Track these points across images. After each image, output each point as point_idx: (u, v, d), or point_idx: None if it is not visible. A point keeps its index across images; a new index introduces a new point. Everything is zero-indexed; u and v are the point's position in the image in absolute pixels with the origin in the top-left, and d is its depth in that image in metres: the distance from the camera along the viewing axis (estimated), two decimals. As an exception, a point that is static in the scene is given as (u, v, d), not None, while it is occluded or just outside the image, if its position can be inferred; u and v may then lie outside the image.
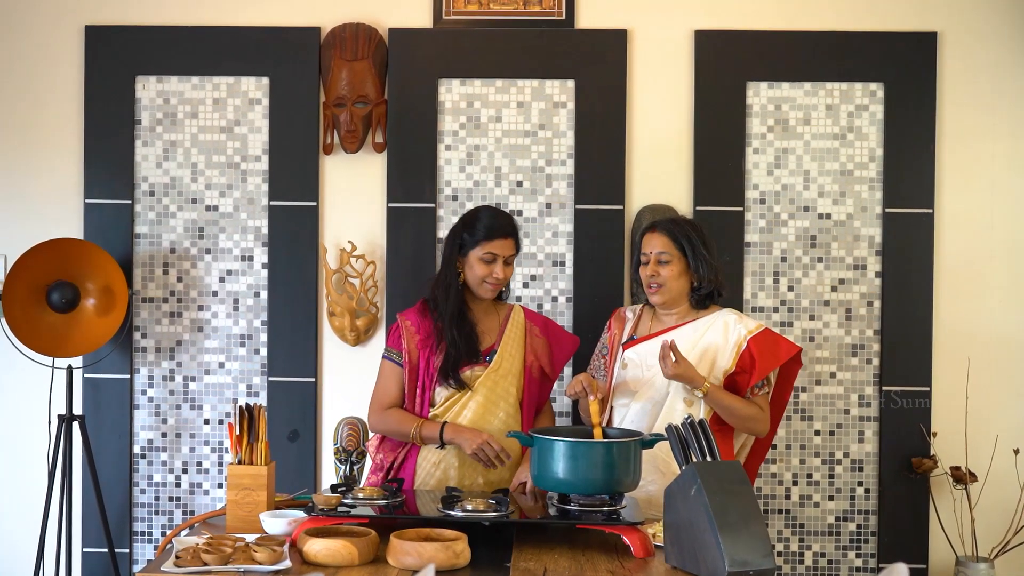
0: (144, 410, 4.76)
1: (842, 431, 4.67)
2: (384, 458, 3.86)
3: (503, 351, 3.83)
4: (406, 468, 3.82)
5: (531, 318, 3.97)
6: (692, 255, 3.75)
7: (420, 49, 4.70)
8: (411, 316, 3.86)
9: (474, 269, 3.77)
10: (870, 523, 4.67)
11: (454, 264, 3.81)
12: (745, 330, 3.72)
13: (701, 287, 3.77)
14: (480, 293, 3.81)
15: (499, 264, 3.77)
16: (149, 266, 4.75)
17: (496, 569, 3.00)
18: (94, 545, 4.71)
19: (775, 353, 3.71)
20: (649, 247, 3.80)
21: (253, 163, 4.74)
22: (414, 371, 3.81)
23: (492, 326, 3.88)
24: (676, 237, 3.77)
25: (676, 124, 4.71)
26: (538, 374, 3.91)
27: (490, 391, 3.79)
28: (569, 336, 4.03)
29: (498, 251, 3.76)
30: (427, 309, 3.85)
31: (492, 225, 3.77)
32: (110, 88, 4.73)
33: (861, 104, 4.67)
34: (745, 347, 3.69)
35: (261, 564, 2.94)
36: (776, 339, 3.76)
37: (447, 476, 3.77)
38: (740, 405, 3.67)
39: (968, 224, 4.68)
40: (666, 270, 3.76)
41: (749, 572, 2.86)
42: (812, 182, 4.67)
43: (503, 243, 3.77)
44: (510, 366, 3.84)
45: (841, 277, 4.67)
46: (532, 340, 3.91)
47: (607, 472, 3.25)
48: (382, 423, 3.83)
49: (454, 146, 4.71)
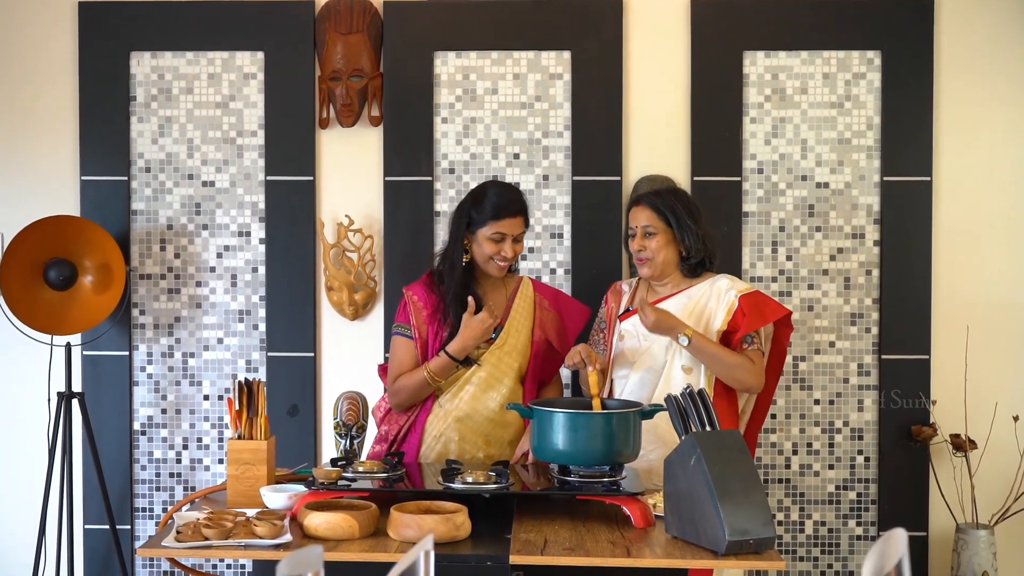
0: (143, 387, 4.76)
1: (841, 400, 4.67)
2: (389, 429, 3.85)
3: (509, 327, 3.82)
4: (410, 440, 3.81)
5: (540, 291, 3.94)
6: (677, 226, 3.76)
7: (415, 21, 4.67)
8: (417, 291, 3.83)
9: (482, 247, 3.74)
10: (870, 491, 4.68)
11: (461, 241, 3.77)
12: (736, 291, 3.73)
13: (690, 256, 3.77)
14: (489, 271, 3.79)
15: (508, 243, 3.73)
16: (146, 243, 4.75)
17: (496, 541, 3.00)
18: (95, 522, 4.72)
19: (762, 312, 3.71)
20: (635, 221, 3.81)
21: (249, 138, 4.72)
22: (424, 346, 3.79)
23: (500, 301, 3.85)
24: (660, 209, 3.78)
25: (673, 94, 4.69)
26: (544, 349, 3.89)
27: (494, 367, 3.79)
28: (580, 307, 3.99)
29: (507, 230, 3.72)
30: (433, 282, 3.83)
31: (500, 204, 3.72)
32: (104, 65, 4.71)
33: (858, 72, 4.65)
34: (736, 306, 3.70)
35: (262, 538, 2.95)
36: (765, 300, 3.77)
37: (447, 450, 3.77)
38: (725, 353, 3.67)
39: (967, 192, 4.67)
40: (652, 242, 3.77)
41: (749, 541, 2.87)
42: (810, 151, 4.66)
43: (512, 222, 3.73)
44: (515, 342, 3.83)
45: (839, 246, 4.66)
46: (541, 314, 3.89)
47: (607, 443, 3.26)
48: (398, 394, 3.80)
49: (450, 119, 4.69)
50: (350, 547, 2.94)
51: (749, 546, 2.87)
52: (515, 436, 3.82)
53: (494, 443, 3.80)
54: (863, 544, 4.69)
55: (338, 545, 2.95)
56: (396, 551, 2.92)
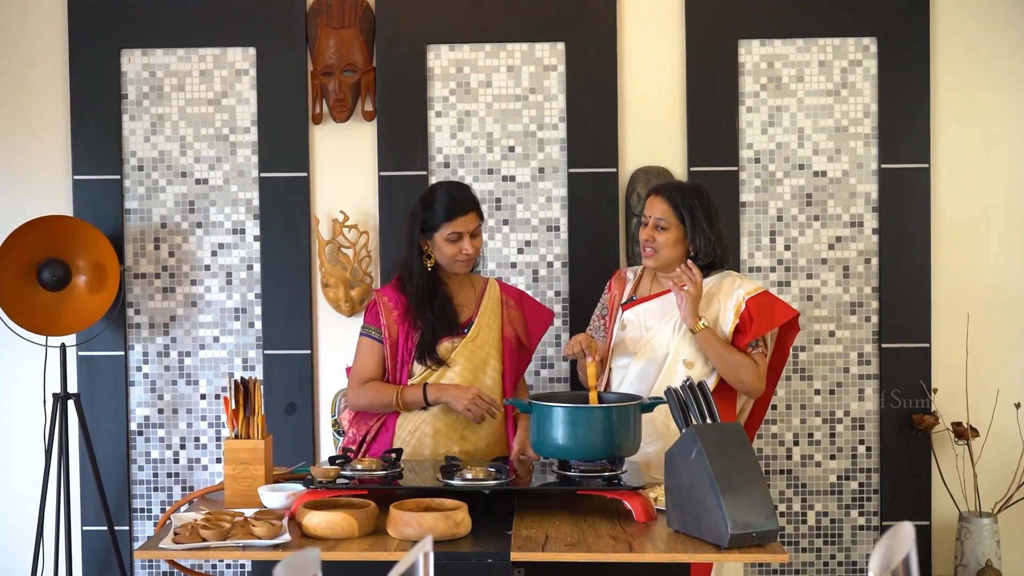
0: (140, 387, 4.73)
1: (842, 389, 4.65)
2: (356, 432, 3.83)
3: (480, 322, 3.82)
4: (380, 441, 3.79)
5: (506, 291, 3.96)
6: (691, 226, 3.73)
7: (407, 14, 4.64)
8: (388, 292, 3.82)
9: (442, 250, 3.73)
10: (872, 481, 4.66)
11: (418, 246, 3.76)
12: (744, 291, 3.71)
13: (697, 258, 3.74)
14: (455, 270, 3.79)
15: (466, 240, 3.72)
16: (140, 241, 4.72)
17: (497, 537, 2.99)
18: (93, 523, 4.69)
19: (771, 315, 3.70)
20: (650, 210, 3.78)
21: (242, 135, 4.69)
22: (394, 346, 3.77)
23: (469, 299, 3.86)
24: (677, 206, 3.74)
25: (668, 85, 4.66)
26: (516, 345, 3.90)
27: (468, 361, 3.77)
28: (544, 309, 4.01)
29: (462, 228, 3.71)
30: (403, 285, 3.82)
31: (451, 204, 3.72)
32: (95, 62, 4.67)
33: (854, 59, 4.62)
34: (744, 308, 3.68)
35: (260, 538, 2.93)
36: (774, 301, 3.75)
37: (422, 444, 3.74)
38: (732, 353, 3.66)
39: (965, 178, 4.64)
40: (662, 236, 3.74)
41: (752, 534, 2.85)
42: (807, 140, 4.63)
43: (465, 219, 3.72)
44: (487, 336, 3.82)
45: (838, 235, 4.64)
46: (508, 312, 3.90)
47: (607, 437, 3.23)
48: (362, 397, 3.79)
49: (444, 112, 4.66)
50: (349, 546, 2.92)
51: (752, 539, 2.86)
52: (491, 432, 3.80)
53: (470, 439, 3.77)
54: (866, 534, 4.67)
55: (337, 544, 2.93)
56: (396, 549, 2.90)
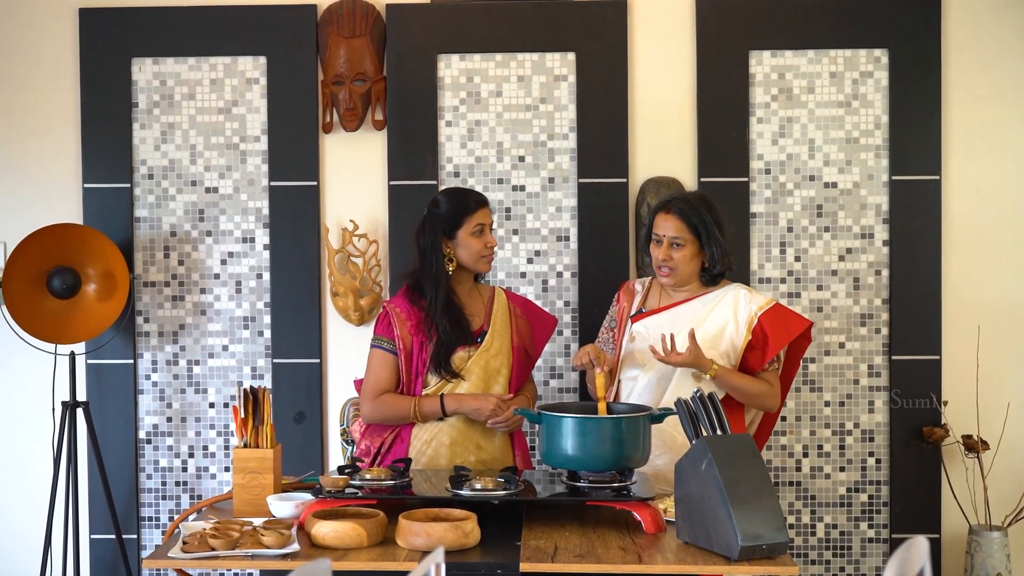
0: (148, 395, 4.73)
1: (852, 401, 4.64)
2: (371, 444, 3.82)
3: (493, 331, 3.83)
4: (395, 452, 3.78)
5: (512, 299, 3.97)
6: (707, 239, 3.70)
7: (418, 24, 4.64)
8: (399, 303, 3.81)
9: (469, 247, 3.75)
10: (882, 493, 4.64)
11: (440, 251, 3.76)
12: (756, 306, 3.70)
13: (713, 267, 3.73)
14: (480, 268, 3.81)
15: (488, 232, 3.79)
16: (150, 250, 4.72)
17: (506, 548, 2.98)
18: (102, 531, 4.69)
19: (787, 328, 3.68)
20: (663, 229, 3.74)
21: (252, 143, 4.70)
22: (409, 357, 3.76)
23: (478, 308, 3.87)
24: (691, 221, 3.70)
25: (678, 95, 4.66)
26: (523, 355, 3.91)
27: (483, 370, 3.78)
28: (548, 316, 4.04)
29: (484, 220, 3.78)
30: (414, 296, 3.81)
31: (467, 199, 3.80)
32: (106, 71, 4.68)
33: (865, 71, 4.61)
34: (756, 323, 3.66)
35: (269, 548, 2.92)
36: (787, 314, 3.73)
37: (438, 454, 3.74)
38: (749, 384, 3.66)
39: (976, 190, 4.63)
40: (679, 254, 3.72)
41: (762, 546, 2.85)
42: (817, 151, 4.62)
43: (484, 211, 3.80)
44: (500, 345, 3.83)
45: (848, 246, 4.62)
46: (516, 321, 3.91)
47: (616, 448, 3.23)
48: (378, 410, 3.78)
49: (455, 122, 4.66)
50: (358, 556, 2.92)
51: (762, 551, 2.85)
52: (505, 441, 3.81)
53: (485, 448, 3.77)
54: (875, 547, 4.65)
55: (346, 554, 2.93)
56: (405, 559, 2.90)
